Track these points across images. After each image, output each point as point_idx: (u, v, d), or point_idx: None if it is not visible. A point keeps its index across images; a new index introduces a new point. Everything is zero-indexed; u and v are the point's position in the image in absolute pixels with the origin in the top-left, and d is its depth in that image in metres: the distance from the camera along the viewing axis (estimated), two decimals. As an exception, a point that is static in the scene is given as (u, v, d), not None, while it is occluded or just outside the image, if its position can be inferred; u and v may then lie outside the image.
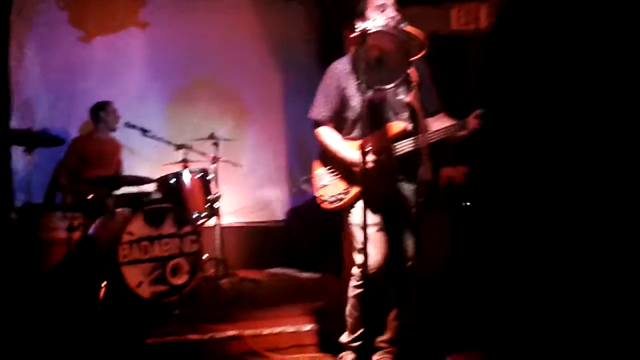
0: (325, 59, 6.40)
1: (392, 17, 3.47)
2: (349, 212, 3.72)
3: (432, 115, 3.65)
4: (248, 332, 4.32)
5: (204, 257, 5.47)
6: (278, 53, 7.44)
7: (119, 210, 5.18)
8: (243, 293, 5.57)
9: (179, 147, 5.94)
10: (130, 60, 6.92)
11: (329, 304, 4.82)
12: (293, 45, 7.47)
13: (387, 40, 3.27)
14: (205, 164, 5.99)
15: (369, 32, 3.16)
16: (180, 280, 5.01)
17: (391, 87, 3.39)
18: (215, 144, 6.09)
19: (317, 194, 3.84)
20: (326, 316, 4.57)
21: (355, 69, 3.40)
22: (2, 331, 4.16)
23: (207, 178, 5.84)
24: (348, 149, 3.61)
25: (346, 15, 5.48)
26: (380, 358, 3.79)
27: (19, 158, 5.37)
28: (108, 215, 5.11)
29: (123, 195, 5.58)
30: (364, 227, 3.02)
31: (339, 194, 3.71)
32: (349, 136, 3.71)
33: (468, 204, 5.48)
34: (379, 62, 3.29)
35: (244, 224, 7.15)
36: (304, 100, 6.93)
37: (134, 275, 4.78)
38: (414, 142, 3.52)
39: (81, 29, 6.66)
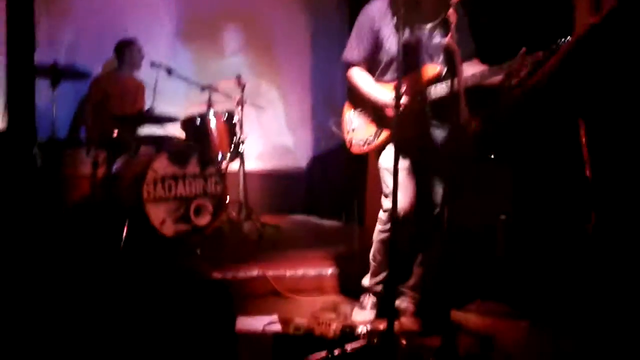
0: (355, 3, 6.29)
1: None
2: (378, 156, 3.67)
3: (465, 60, 3.56)
4: (270, 272, 4.33)
5: (227, 199, 5.45)
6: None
7: (143, 148, 5.16)
8: (265, 237, 5.58)
9: (204, 88, 5.87)
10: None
11: (351, 250, 4.82)
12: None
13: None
14: (230, 106, 5.93)
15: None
16: (203, 220, 5.00)
17: (430, 27, 3.30)
18: (242, 86, 6.00)
19: (346, 137, 3.79)
20: (348, 261, 4.57)
21: (393, 8, 3.31)
22: (24, 267, 4.19)
23: (233, 120, 5.79)
24: (381, 91, 3.54)
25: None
26: (403, 303, 3.78)
27: (43, 92, 5.32)
28: (132, 153, 5.09)
29: (147, 136, 5.56)
30: (395, 170, 2.96)
31: (369, 137, 3.66)
32: (381, 79, 3.63)
33: (493, 155, 5.42)
34: (417, 1, 3.20)
35: (267, 170, 7.12)
36: (331, 45, 6.95)
37: (157, 214, 4.78)
38: (448, 86, 3.43)
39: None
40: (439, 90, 3.46)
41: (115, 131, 5.25)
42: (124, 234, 4.67)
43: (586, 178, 3.41)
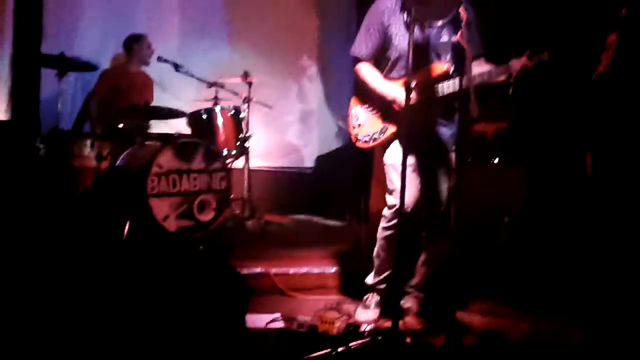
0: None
1: None
2: (383, 152, 3.64)
3: (473, 59, 3.53)
4: (274, 270, 4.29)
5: (231, 196, 5.42)
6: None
7: (148, 142, 5.14)
8: (269, 234, 5.55)
9: (212, 84, 5.86)
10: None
11: (355, 249, 4.79)
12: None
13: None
14: (237, 103, 5.91)
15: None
16: (207, 216, 4.97)
17: (440, 24, 3.28)
18: (248, 84, 5.98)
19: (352, 132, 3.76)
20: (352, 260, 4.54)
21: (403, 4, 3.29)
22: (27, 259, 4.16)
23: (239, 117, 5.76)
24: (389, 86, 3.52)
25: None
26: (407, 303, 3.75)
27: (49, 83, 5.30)
28: (137, 146, 5.07)
29: (153, 130, 5.55)
30: (403, 166, 2.93)
31: (375, 132, 3.63)
32: (389, 75, 3.61)
33: (497, 160, 5.42)
34: (429, -2, 3.17)
35: (272, 168, 7.10)
36: (339, 43, 6.93)
37: (161, 208, 4.75)
38: (456, 84, 3.41)
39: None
40: (446, 88, 3.44)
41: (121, 124, 5.23)
42: (127, 227, 4.64)
43: (589, 179, 3.39)
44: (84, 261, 4.18)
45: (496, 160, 5.39)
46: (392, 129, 3.56)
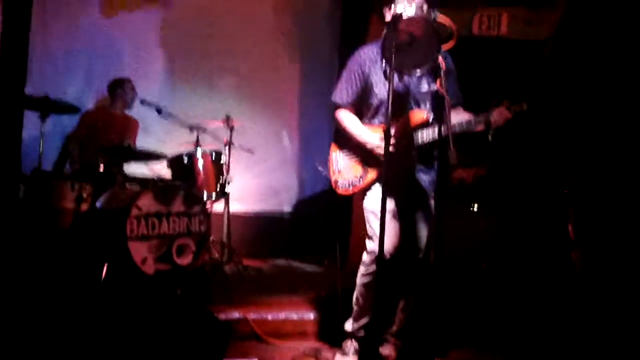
0: (345, 47, 6.39)
1: (422, 6, 3.44)
2: (363, 198, 3.68)
3: (452, 107, 3.60)
4: (252, 315, 4.27)
5: (210, 239, 5.41)
6: (298, 39, 7.39)
7: (128, 184, 5.14)
8: (247, 279, 5.53)
9: (193, 128, 5.89)
10: (150, 38, 6.86)
11: (334, 295, 4.77)
12: (313, 31, 7.40)
13: (418, 27, 3.23)
14: (218, 147, 5.94)
15: (402, 16, 3.10)
16: (185, 260, 4.95)
17: (420, 72, 3.35)
18: (230, 128, 6.02)
19: (332, 177, 3.79)
20: (330, 306, 4.52)
21: (384, 53, 3.35)
22: (6, 303, 4.12)
23: (220, 160, 5.79)
24: (368, 133, 3.57)
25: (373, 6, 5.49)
26: (386, 350, 3.75)
27: (31, 124, 5.31)
28: (117, 188, 5.06)
29: (134, 172, 5.55)
30: (382, 212, 2.96)
31: (355, 178, 3.67)
32: (369, 122, 3.67)
33: (476, 206, 5.47)
34: (408, 47, 3.24)
35: (252, 212, 7.09)
36: (319, 88, 7.02)
37: (139, 251, 4.72)
38: (435, 132, 3.47)
39: (104, 2, 6.61)
40: (426, 135, 3.50)
41: (102, 165, 5.23)
42: (105, 269, 4.61)
43: (567, 226, 3.46)
44: (62, 302, 4.15)
45: (475, 207, 5.44)
46: (371, 175, 3.60)
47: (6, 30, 5.09)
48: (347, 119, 3.68)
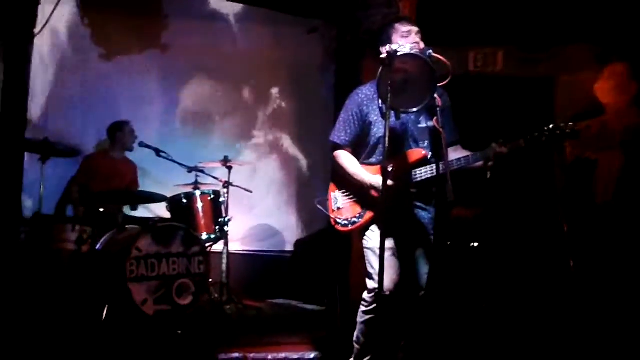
0: (341, 89, 6.47)
1: (417, 43, 3.50)
2: (363, 236, 3.69)
3: (449, 145, 3.64)
4: (252, 355, 4.26)
5: (210, 280, 5.41)
6: (294, 82, 7.49)
7: (128, 226, 5.16)
8: (247, 319, 5.51)
9: (192, 169, 5.94)
10: (149, 81, 6.95)
11: (334, 334, 4.77)
12: (309, 75, 7.49)
13: (413, 64, 3.27)
14: (217, 188, 5.98)
15: (398, 54, 3.16)
16: (185, 300, 4.96)
17: (416, 110, 3.38)
18: (228, 169, 6.06)
19: (332, 216, 3.81)
20: (330, 345, 4.51)
21: (380, 92, 3.39)
22: (8, 341, 4.12)
23: (219, 200, 5.82)
24: (366, 173, 3.60)
25: (368, 46, 5.58)
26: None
27: (32, 168, 5.36)
28: (117, 230, 5.09)
29: (133, 214, 5.58)
30: (381, 250, 2.98)
31: (354, 216, 3.69)
32: (367, 161, 3.69)
33: (476, 244, 5.48)
34: (404, 85, 3.29)
35: (251, 252, 7.10)
36: (317, 128, 7.10)
37: (139, 292, 4.74)
38: (433, 170, 3.50)
39: (103, 47, 6.71)
40: (424, 173, 3.53)
41: (102, 209, 5.26)
42: (106, 310, 4.62)
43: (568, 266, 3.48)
44: (64, 343, 4.15)
45: (476, 244, 5.45)
46: (370, 213, 3.62)
47: (7, 77, 5.17)
48: (345, 159, 3.71)
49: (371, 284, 3.60)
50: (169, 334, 4.66)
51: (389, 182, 3.43)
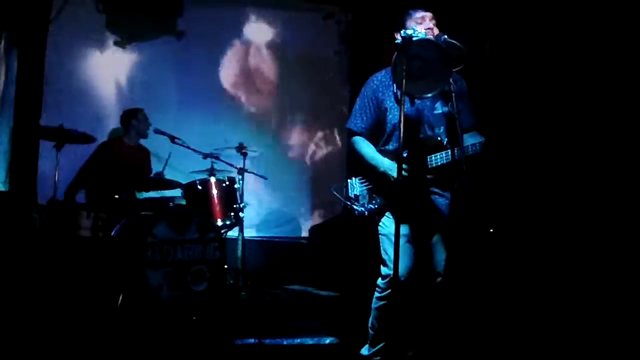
0: (356, 76, 6.44)
1: (431, 29, 3.47)
2: (378, 223, 3.68)
3: (466, 130, 3.60)
4: (267, 341, 4.27)
5: (225, 266, 5.43)
6: (310, 69, 7.46)
7: (143, 213, 5.18)
8: (262, 305, 5.53)
9: (207, 155, 5.94)
10: (164, 67, 6.95)
11: (349, 320, 4.76)
12: (324, 61, 7.47)
13: (429, 50, 3.24)
14: (232, 174, 5.98)
15: (413, 38, 3.13)
16: (200, 286, 4.98)
17: (431, 96, 3.35)
18: (244, 155, 6.06)
19: (347, 203, 3.79)
20: (346, 331, 4.51)
21: (395, 78, 3.37)
22: (24, 327, 4.15)
23: (234, 187, 5.82)
24: (382, 159, 3.58)
25: (386, 30, 5.54)
26: (402, 375, 3.71)
27: (47, 155, 5.38)
28: (132, 216, 5.10)
29: (148, 199, 5.58)
30: (396, 236, 2.97)
31: (369, 203, 3.67)
32: (384, 148, 3.67)
33: (492, 230, 5.43)
34: (419, 71, 3.26)
35: (266, 238, 7.11)
36: (332, 117, 7.09)
37: (155, 278, 4.77)
38: (448, 156, 3.47)
39: (117, 33, 6.71)
40: (439, 159, 3.50)
41: (117, 195, 5.28)
42: (122, 296, 4.65)
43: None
44: (79, 328, 4.18)
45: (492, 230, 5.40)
46: (386, 199, 3.60)
47: (22, 63, 5.18)
48: (361, 145, 3.69)
49: (385, 270, 3.59)
50: (184, 320, 4.68)
51: (405, 168, 3.42)
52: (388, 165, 3.51)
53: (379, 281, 3.67)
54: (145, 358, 4.00)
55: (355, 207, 3.74)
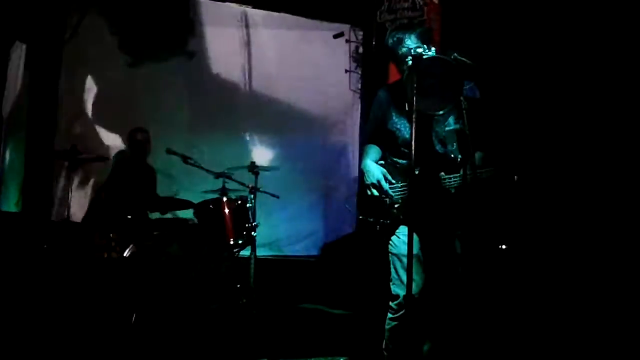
0: (367, 92, 6.45)
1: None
2: (388, 242, 3.65)
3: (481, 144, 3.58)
4: (280, 360, 4.26)
5: (238, 285, 5.42)
6: (320, 86, 7.49)
7: (156, 233, 5.19)
8: (274, 324, 5.50)
9: (219, 175, 5.94)
10: (175, 88, 6.99)
11: (362, 339, 4.74)
12: (334, 77, 7.49)
13: (439, 67, 3.24)
14: (244, 193, 5.97)
15: (424, 57, 3.13)
16: (212, 306, 4.98)
17: (442, 113, 3.35)
18: (255, 174, 6.06)
19: (361, 216, 3.74)
20: (358, 350, 4.48)
21: (406, 95, 3.36)
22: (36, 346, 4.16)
23: (246, 206, 5.82)
24: (373, 169, 3.55)
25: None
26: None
27: (61, 175, 5.41)
28: (145, 236, 5.11)
29: (160, 219, 5.59)
30: (409, 257, 2.95)
31: (381, 217, 3.63)
32: (396, 162, 3.64)
33: (504, 246, 5.40)
34: (429, 88, 3.25)
35: (279, 257, 7.10)
36: (344, 134, 7.09)
37: (168, 298, 4.76)
38: (461, 177, 3.43)
39: (130, 54, 6.76)
40: (452, 180, 3.47)
41: (129, 216, 5.29)
42: (134, 317, 4.64)
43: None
44: (92, 348, 4.18)
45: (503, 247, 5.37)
46: (396, 217, 3.57)
47: (34, 85, 5.21)
48: (366, 152, 3.68)
49: (395, 290, 3.56)
50: (196, 339, 4.67)
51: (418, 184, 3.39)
52: (377, 178, 3.50)
53: (391, 302, 3.63)
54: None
55: (369, 220, 3.69)
